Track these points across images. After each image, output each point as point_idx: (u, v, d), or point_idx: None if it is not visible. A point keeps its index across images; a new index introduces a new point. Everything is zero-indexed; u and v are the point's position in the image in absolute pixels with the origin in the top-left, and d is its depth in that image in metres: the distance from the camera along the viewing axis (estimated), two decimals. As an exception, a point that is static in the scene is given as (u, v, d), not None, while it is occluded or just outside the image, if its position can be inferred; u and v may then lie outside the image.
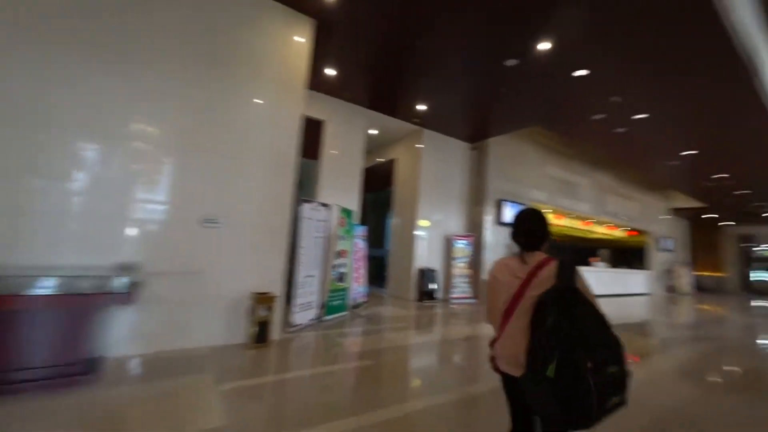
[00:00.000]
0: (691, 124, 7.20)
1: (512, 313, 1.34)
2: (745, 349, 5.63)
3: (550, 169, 10.58)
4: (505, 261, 1.49)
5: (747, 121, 6.97)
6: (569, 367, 1.07)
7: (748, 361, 4.80)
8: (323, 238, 5.20)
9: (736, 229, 19.97)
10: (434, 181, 8.41)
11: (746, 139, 7.97)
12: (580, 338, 1.11)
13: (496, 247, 8.89)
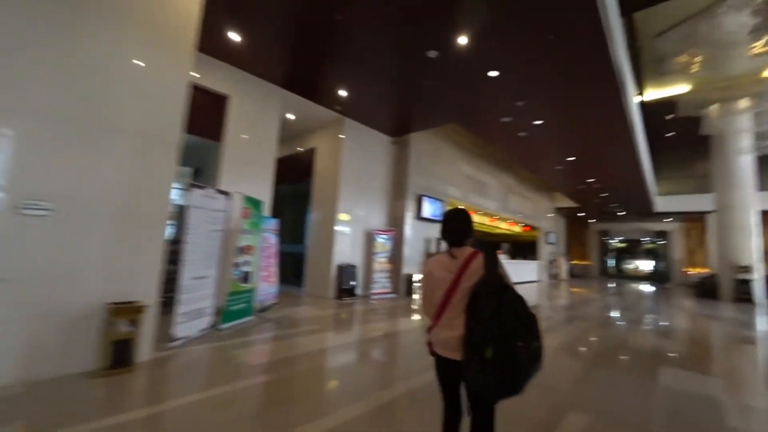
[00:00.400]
0: (574, 133, 8.26)
1: (448, 304, 1.47)
2: (609, 325, 6.65)
3: (464, 167, 11.17)
4: (438, 258, 1.60)
5: (612, 136, 8.32)
6: (504, 348, 1.26)
7: (611, 334, 5.61)
8: (221, 232, 4.34)
9: (598, 225, 24.43)
10: (355, 174, 8.03)
11: (609, 152, 9.56)
12: (509, 322, 1.29)
13: (415, 241, 8.96)
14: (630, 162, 10.29)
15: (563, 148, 9.34)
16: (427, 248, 9.30)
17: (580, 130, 7.97)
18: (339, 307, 6.52)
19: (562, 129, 7.96)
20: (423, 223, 9.16)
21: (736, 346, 5.58)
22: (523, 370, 1.27)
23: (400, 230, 8.59)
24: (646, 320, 7.46)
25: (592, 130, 7.93)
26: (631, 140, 8.52)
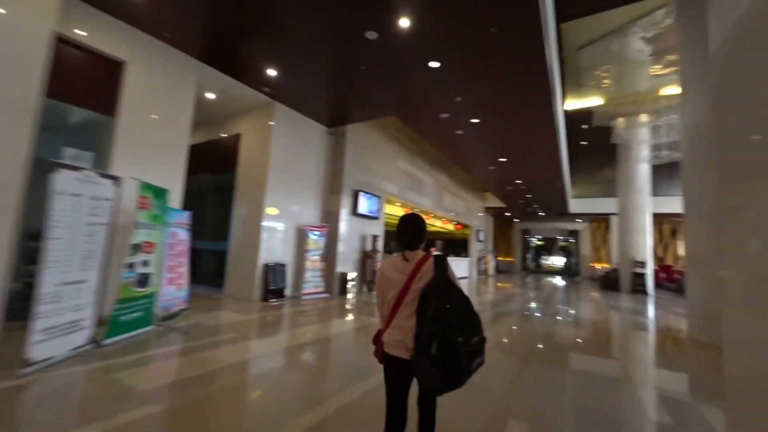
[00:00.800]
0: (507, 134, 8.66)
1: (401, 305, 1.54)
2: (533, 319, 7.08)
3: (402, 164, 11.12)
4: (392, 261, 1.66)
5: (540, 139, 8.90)
6: (446, 343, 1.35)
7: (536, 328, 5.95)
8: (106, 226, 3.50)
9: (521, 224, 26.66)
10: (287, 165, 7.39)
11: (537, 155, 10.27)
12: (454, 319, 1.40)
13: (351, 238, 8.61)
14: (553, 165, 11.19)
15: (496, 149, 9.76)
16: (363, 246, 9.04)
17: (513, 131, 8.35)
18: (264, 310, 5.90)
19: (496, 129, 8.25)
20: (359, 220, 8.86)
21: (634, 332, 6.27)
22: (464, 363, 1.36)
23: (334, 226, 8.17)
24: (563, 312, 8.10)
25: (524, 132, 8.36)
26: (556, 144, 9.21)
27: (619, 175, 15.51)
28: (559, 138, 9.18)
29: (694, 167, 5.81)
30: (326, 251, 7.92)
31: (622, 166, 15.25)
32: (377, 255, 8.97)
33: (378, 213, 9.41)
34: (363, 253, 8.97)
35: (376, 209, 9.33)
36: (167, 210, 4.39)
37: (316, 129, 8.20)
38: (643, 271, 13.82)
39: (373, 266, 8.83)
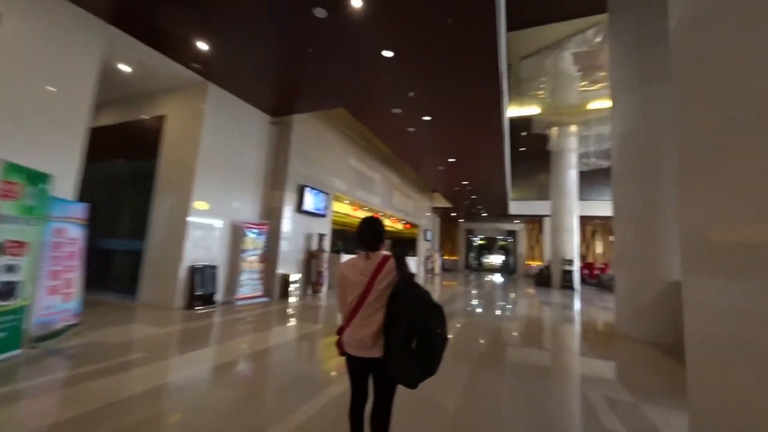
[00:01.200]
0: (457, 134, 8.68)
1: (362, 305, 1.58)
2: (478, 316, 7.14)
3: (351, 160, 10.67)
4: (352, 262, 1.70)
5: (488, 141, 9.09)
6: (426, 338, 1.47)
7: (484, 325, 5.96)
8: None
9: (465, 224, 27.78)
10: (222, 155, 6.53)
11: (484, 156, 10.53)
12: (425, 314, 1.50)
13: (295, 237, 7.96)
14: (498, 168, 11.59)
15: (446, 149, 9.77)
16: (308, 245, 8.44)
17: (463, 131, 8.36)
18: (187, 320, 5.08)
19: (447, 128, 8.20)
20: (304, 217, 8.24)
21: (564, 325, 6.58)
22: (439, 354, 1.47)
23: (276, 224, 7.47)
24: (505, 309, 8.32)
25: (473, 132, 8.42)
26: (502, 147, 9.48)
27: (552, 180, 16.72)
28: (505, 141, 9.48)
29: (623, 173, 6.22)
30: (266, 251, 7.20)
31: (555, 171, 16.47)
32: (324, 255, 8.43)
33: (325, 210, 8.87)
34: (308, 253, 8.37)
35: (324, 206, 8.78)
36: (48, 200, 3.45)
37: (258, 117, 7.41)
38: (571, 269, 15.04)
39: (319, 267, 8.28)
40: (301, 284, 8.03)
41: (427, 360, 1.46)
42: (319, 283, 8.29)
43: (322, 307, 7.12)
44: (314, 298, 7.95)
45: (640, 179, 5.83)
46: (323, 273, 8.37)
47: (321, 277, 8.31)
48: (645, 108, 5.92)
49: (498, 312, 7.82)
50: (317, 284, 8.28)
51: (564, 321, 7.17)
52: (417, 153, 10.28)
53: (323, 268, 8.36)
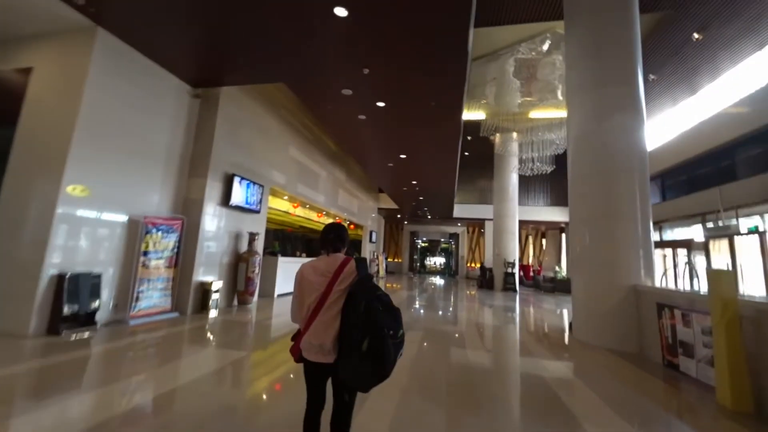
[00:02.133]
0: (412, 127, 8.02)
1: (321, 308, 1.54)
2: (431, 325, 6.52)
3: (293, 151, 9.43)
4: (312, 264, 1.66)
5: (443, 140, 8.59)
6: (378, 339, 1.41)
7: (436, 334, 5.31)
8: None
9: (410, 226, 27.69)
10: (115, 128, 4.96)
11: (436, 156, 10.07)
12: (381, 315, 1.46)
13: (220, 236, 6.54)
14: (449, 169, 11.25)
15: (399, 143, 9.06)
16: (237, 246, 7.06)
17: (419, 123, 7.69)
18: (45, 354, 3.54)
19: (402, 118, 7.46)
20: (232, 213, 6.87)
21: (508, 328, 6.26)
22: (391, 356, 1.42)
23: (195, 219, 6.02)
24: (455, 312, 7.83)
25: (429, 127, 7.82)
26: (456, 147, 9.07)
27: (495, 184, 17.15)
28: (459, 142, 9.11)
29: (579, 175, 6.07)
30: (178, 253, 5.72)
31: (498, 176, 16.91)
32: (255, 257, 7.11)
33: (259, 206, 7.55)
34: (236, 256, 6.99)
35: (257, 201, 7.46)
36: None
37: (174, 86, 5.90)
38: (513, 271, 15.46)
39: (249, 272, 6.94)
40: (224, 294, 6.64)
41: (379, 362, 1.42)
42: (248, 291, 6.95)
43: (251, 322, 5.86)
44: (241, 311, 6.61)
45: (598, 181, 5.68)
46: (254, 279, 7.05)
47: (251, 284, 6.98)
48: (599, 110, 5.83)
49: (448, 316, 7.29)
50: (246, 293, 6.93)
51: (513, 325, 6.87)
52: (366, 145, 9.43)
53: (254, 273, 7.05)
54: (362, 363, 1.41)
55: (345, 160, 13.79)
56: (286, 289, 9.32)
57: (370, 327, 1.43)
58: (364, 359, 1.40)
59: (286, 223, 15.39)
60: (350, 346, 1.44)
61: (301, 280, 1.64)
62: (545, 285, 16.81)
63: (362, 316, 1.45)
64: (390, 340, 1.43)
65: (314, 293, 1.57)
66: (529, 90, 12.60)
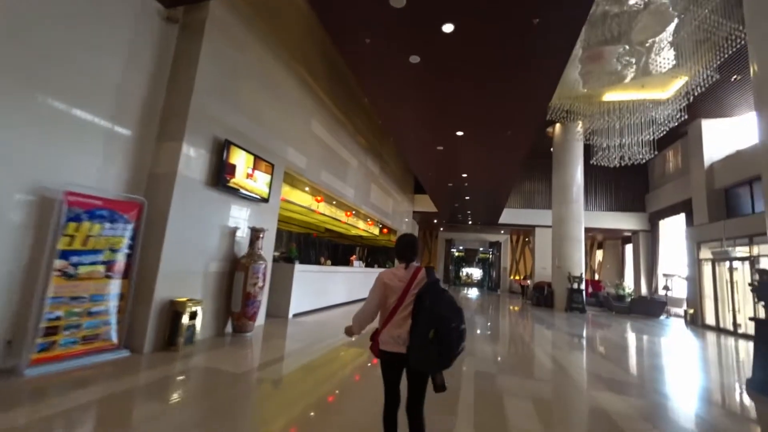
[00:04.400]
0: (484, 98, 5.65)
1: (400, 307, 1.83)
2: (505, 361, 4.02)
3: (317, 127, 7.32)
4: (392, 272, 1.92)
5: (516, 121, 6.17)
6: (441, 329, 1.65)
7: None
8: None
9: (444, 233, 25.03)
10: (27, 44, 2.97)
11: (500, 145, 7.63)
12: (445, 311, 1.71)
13: (207, 232, 4.41)
14: (512, 161, 8.77)
15: (462, 118, 6.68)
16: (233, 248, 4.91)
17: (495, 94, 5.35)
18: None
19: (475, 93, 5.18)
20: (227, 199, 4.75)
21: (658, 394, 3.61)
22: (454, 346, 1.65)
23: (161, 205, 3.92)
24: (527, 348, 5.24)
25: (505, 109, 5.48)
26: (530, 133, 6.65)
27: (555, 183, 14.35)
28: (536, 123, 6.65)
29: None
30: (132, 256, 3.63)
31: (559, 174, 14.10)
32: (260, 264, 4.92)
33: (268, 192, 5.42)
34: (231, 262, 4.84)
35: (266, 184, 5.33)
36: None
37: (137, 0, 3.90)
38: (581, 288, 12.51)
39: (252, 285, 4.76)
40: (209, 318, 4.49)
41: (443, 350, 1.64)
42: (247, 314, 4.75)
43: (249, 368, 3.61)
44: (236, 344, 4.41)
45: None
46: (257, 296, 4.85)
47: (252, 303, 4.78)
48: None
49: (529, 359, 4.75)
50: (244, 316, 4.74)
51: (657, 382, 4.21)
52: (416, 121, 7.09)
53: (257, 287, 4.85)
54: (429, 348, 1.65)
55: (379, 151, 11.61)
56: (306, 306, 7.09)
57: (436, 319, 1.67)
58: (431, 345, 1.65)
59: (310, 225, 13.33)
60: (419, 335, 1.69)
61: (383, 286, 1.90)
62: (618, 305, 13.65)
63: (429, 311, 1.70)
64: (453, 332, 1.66)
65: (394, 295, 1.86)
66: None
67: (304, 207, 8.63)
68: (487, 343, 5.80)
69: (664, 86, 9.94)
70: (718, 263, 10.45)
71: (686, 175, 13.38)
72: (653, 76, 9.48)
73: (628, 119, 9.74)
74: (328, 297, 8.15)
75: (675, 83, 9.57)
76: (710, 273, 10.70)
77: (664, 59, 8.52)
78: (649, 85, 10.01)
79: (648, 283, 16.14)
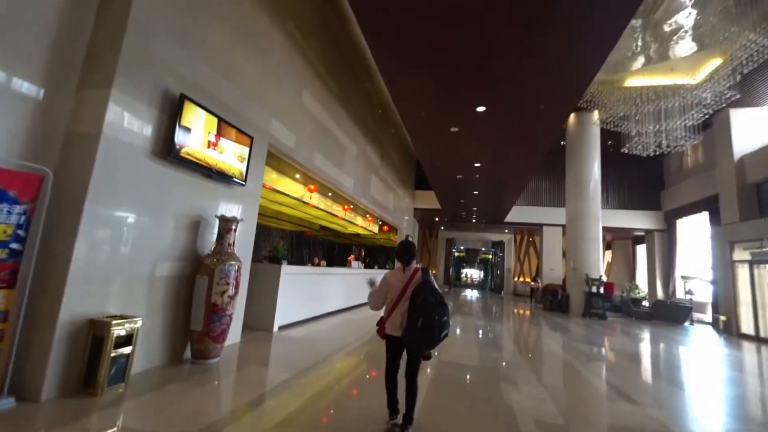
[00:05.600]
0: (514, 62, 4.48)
1: (400, 300, 2.37)
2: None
3: (309, 101, 6.09)
4: (394, 273, 2.47)
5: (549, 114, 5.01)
6: (427, 320, 2.19)
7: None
8: None
9: (445, 233, 23.89)
10: None
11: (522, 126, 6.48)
12: (432, 305, 2.23)
13: (155, 220, 3.14)
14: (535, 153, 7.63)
15: (487, 87, 5.48)
16: (195, 244, 3.66)
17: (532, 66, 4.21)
18: None
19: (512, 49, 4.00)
20: (184, 177, 3.50)
21: None
22: (436, 332, 2.20)
23: (77, 177, 2.67)
24: (566, 378, 4.07)
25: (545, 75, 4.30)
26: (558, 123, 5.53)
27: (569, 178, 13.28)
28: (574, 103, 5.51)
29: None
30: (25, 253, 2.38)
31: (574, 168, 13.03)
32: (231, 266, 3.67)
33: (247, 171, 4.19)
34: (190, 263, 3.60)
35: (240, 158, 4.09)
36: None
37: None
38: (600, 291, 11.42)
39: (218, 294, 3.51)
40: (154, 341, 3.25)
41: (429, 335, 2.20)
42: (212, 333, 3.50)
43: (216, 426, 2.37)
44: (194, 379, 3.17)
45: None
46: (225, 309, 3.60)
47: (218, 319, 3.53)
48: None
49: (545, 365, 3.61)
50: (207, 337, 3.48)
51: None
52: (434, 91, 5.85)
53: (227, 295, 3.60)
54: (417, 334, 2.21)
55: (379, 138, 10.41)
56: (295, 316, 5.87)
57: (424, 312, 2.21)
58: (419, 331, 2.21)
59: (303, 222, 12.08)
60: (412, 323, 2.24)
61: (387, 284, 2.45)
62: (637, 310, 12.59)
63: (420, 305, 2.23)
64: (437, 322, 2.19)
65: (396, 291, 2.40)
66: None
67: (296, 198, 7.40)
68: (521, 367, 4.62)
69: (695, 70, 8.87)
70: (756, 266, 9.42)
71: (710, 170, 12.37)
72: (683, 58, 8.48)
73: (665, 103, 8.66)
74: (322, 304, 6.92)
75: (706, 66, 8.52)
76: (747, 276, 9.66)
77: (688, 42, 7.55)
78: (679, 69, 8.98)
79: (664, 286, 15.14)
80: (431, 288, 2.29)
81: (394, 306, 2.37)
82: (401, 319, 2.31)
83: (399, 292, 2.36)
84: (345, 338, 5.51)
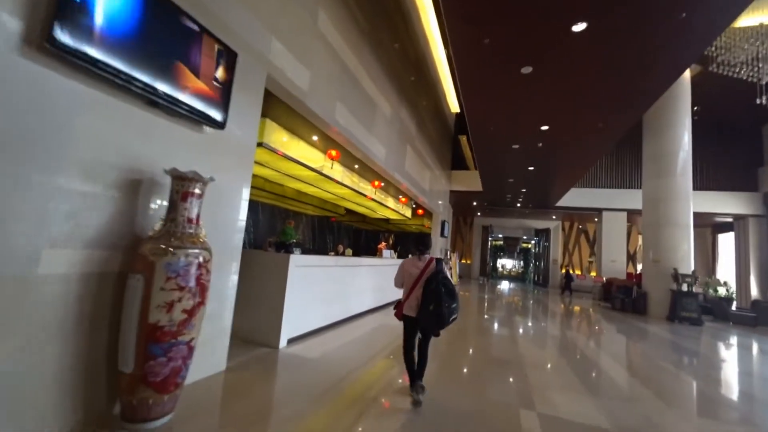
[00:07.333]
0: None
1: (416, 286, 2.72)
2: None
3: (327, 27, 4.39)
4: (411, 261, 2.85)
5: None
6: (438, 304, 2.53)
7: None
8: None
9: (482, 219, 21.74)
10: None
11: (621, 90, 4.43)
12: (442, 292, 2.57)
13: (19, 152, 1.64)
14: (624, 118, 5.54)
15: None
16: (138, 213, 2.12)
17: None
18: None
19: None
20: (98, 90, 1.93)
21: None
22: (446, 316, 2.54)
23: None
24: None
25: None
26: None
27: (647, 150, 10.86)
28: None
29: None
30: None
31: (654, 136, 10.60)
32: (191, 257, 2.12)
33: (228, 105, 2.59)
34: (121, 249, 2.08)
35: (220, 78, 2.49)
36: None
37: None
38: (693, 290, 9.13)
39: (165, 308, 1.98)
40: (31, 396, 1.75)
41: (439, 318, 2.54)
42: (153, 378, 1.98)
43: None
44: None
45: None
46: (180, 331, 2.06)
47: (169, 349, 2.00)
48: None
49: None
50: (145, 383, 1.96)
51: None
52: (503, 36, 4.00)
53: (182, 310, 2.06)
54: (429, 316, 2.56)
55: (415, 101, 8.58)
56: (310, 324, 4.33)
57: (435, 298, 2.56)
58: (431, 314, 2.55)
59: (326, 205, 10.57)
60: (424, 307, 2.60)
61: (404, 271, 2.85)
62: (736, 313, 10.11)
63: (432, 292, 2.58)
64: (446, 308, 2.54)
65: (413, 278, 2.75)
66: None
67: (314, 170, 5.82)
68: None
69: None
70: None
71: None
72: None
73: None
74: (347, 304, 5.38)
75: None
76: None
77: None
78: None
79: (761, 283, 12.41)
80: (444, 278, 2.66)
81: (411, 290, 2.75)
82: (416, 302, 2.69)
83: (415, 279, 2.74)
84: (381, 353, 3.91)
